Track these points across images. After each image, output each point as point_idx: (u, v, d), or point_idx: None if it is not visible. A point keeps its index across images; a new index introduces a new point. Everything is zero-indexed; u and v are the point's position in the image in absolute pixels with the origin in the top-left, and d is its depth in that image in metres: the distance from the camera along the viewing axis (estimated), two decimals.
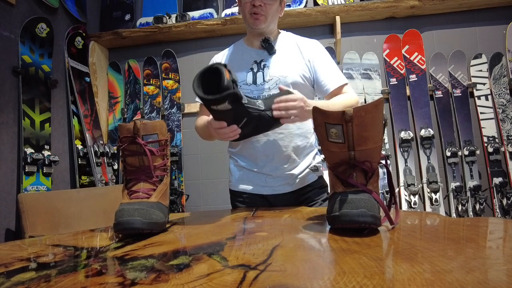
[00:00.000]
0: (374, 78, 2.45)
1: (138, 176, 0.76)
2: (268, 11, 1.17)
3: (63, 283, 0.42)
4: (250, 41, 1.27)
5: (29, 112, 1.96)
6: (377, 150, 0.66)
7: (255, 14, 1.16)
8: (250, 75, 1.20)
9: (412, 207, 2.25)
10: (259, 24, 1.18)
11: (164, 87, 2.65)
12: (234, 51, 1.30)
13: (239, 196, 1.25)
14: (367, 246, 0.52)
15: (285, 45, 1.24)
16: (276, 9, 1.20)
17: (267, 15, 1.17)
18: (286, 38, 1.27)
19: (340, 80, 1.19)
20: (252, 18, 1.17)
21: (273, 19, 1.20)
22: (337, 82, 1.18)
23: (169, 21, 2.56)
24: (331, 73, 1.20)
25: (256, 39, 1.24)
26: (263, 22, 1.18)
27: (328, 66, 1.21)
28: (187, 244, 0.64)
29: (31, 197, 1.54)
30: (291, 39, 1.26)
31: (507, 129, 2.27)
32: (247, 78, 1.20)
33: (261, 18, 1.17)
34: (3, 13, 1.87)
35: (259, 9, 1.15)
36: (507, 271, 0.38)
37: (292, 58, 1.21)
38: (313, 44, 1.25)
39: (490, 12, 2.38)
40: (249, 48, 1.26)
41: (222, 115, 0.92)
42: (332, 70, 1.21)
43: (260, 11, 1.16)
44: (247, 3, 1.17)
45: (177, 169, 2.54)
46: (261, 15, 1.16)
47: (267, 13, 1.17)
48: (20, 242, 0.78)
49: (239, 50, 1.29)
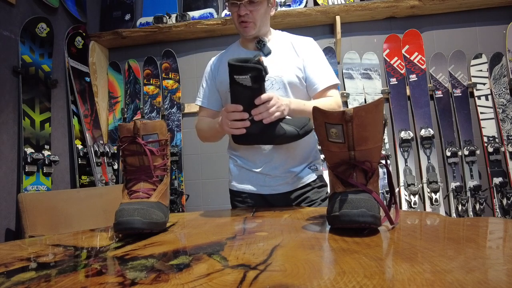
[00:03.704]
0: (374, 78, 2.45)
1: (138, 176, 0.76)
2: (256, 17, 1.17)
3: (63, 283, 0.42)
4: (245, 44, 1.27)
5: (29, 112, 1.96)
6: (377, 150, 0.66)
7: (243, 22, 1.17)
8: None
9: (412, 207, 2.25)
10: (249, 31, 1.18)
11: (164, 87, 2.65)
12: (229, 54, 1.29)
13: (238, 196, 1.25)
14: (367, 246, 0.52)
15: (279, 45, 1.24)
16: (264, 12, 1.19)
17: (255, 21, 1.17)
18: (281, 38, 1.27)
19: (330, 80, 1.18)
20: (242, 27, 1.18)
21: (263, 22, 1.20)
22: (327, 81, 1.18)
23: (169, 21, 2.55)
24: (322, 72, 1.19)
25: (250, 41, 1.24)
26: (253, 29, 1.18)
27: (320, 65, 1.21)
28: (187, 244, 0.64)
29: (31, 197, 1.54)
30: (285, 39, 1.26)
31: (507, 129, 2.27)
32: None
33: (250, 25, 1.17)
34: (3, 13, 1.87)
35: (246, 17, 1.15)
36: (507, 271, 0.38)
37: (287, 57, 1.21)
38: (307, 42, 1.25)
39: (490, 12, 2.38)
40: (245, 50, 1.26)
41: (239, 94, 0.96)
42: (324, 69, 1.20)
43: (247, 19, 1.16)
44: (234, 13, 1.17)
45: (177, 169, 2.54)
46: (249, 22, 1.16)
47: (255, 19, 1.17)
48: (20, 242, 0.78)
49: (235, 52, 1.28)
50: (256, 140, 1.07)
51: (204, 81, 1.31)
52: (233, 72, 0.92)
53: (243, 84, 0.92)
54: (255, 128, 0.99)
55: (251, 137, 1.03)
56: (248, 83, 0.91)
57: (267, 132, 1.00)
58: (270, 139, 1.04)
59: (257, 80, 0.92)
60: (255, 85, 0.93)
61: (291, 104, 1.04)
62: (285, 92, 1.17)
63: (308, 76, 1.20)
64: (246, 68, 0.90)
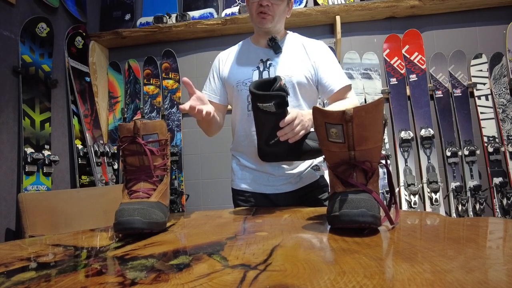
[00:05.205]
0: (374, 78, 2.45)
1: (138, 175, 0.76)
2: (276, 11, 1.18)
3: (63, 283, 0.42)
4: (256, 40, 1.27)
5: (29, 112, 1.96)
6: (377, 150, 0.66)
7: (262, 13, 1.17)
8: (256, 74, 1.20)
9: (412, 207, 2.25)
10: (266, 23, 1.18)
11: (164, 87, 2.65)
12: (241, 49, 1.30)
13: (241, 195, 1.26)
14: (367, 246, 0.52)
15: (291, 45, 1.25)
16: (283, 9, 1.20)
17: (274, 15, 1.18)
18: (293, 38, 1.28)
19: (344, 81, 1.19)
20: (259, 17, 1.18)
21: (280, 19, 1.21)
22: (341, 83, 1.19)
23: (169, 21, 2.55)
24: (336, 74, 1.20)
25: (263, 37, 1.24)
26: (270, 22, 1.18)
27: (333, 68, 1.22)
28: (187, 243, 0.64)
29: (31, 196, 1.54)
30: (297, 40, 1.27)
31: (507, 129, 2.27)
32: (253, 76, 1.20)
33: (268, 18, 1.18)
34: (3, 13, 1.87)
35: (266, 9, 1.16)
36: (507, 271, 0.38)
37: (298, 58, 1.21)
38: (318, 45, 1.26)
39: (490, 12, 2.38)
40: (256, 47, 1.26)
41: (264, 120, 0.96)
42: (337, 71, 1.21)
43: (267, 10, 1.16)
44: (254, 3, 1.17)
45: (177, 169, 2.54)
46: (268, 14, 1.17)
47: (274, 13, 1.18)
48: (20, 241, 0.78)
49: (245, 48, 1.29)
50: (284, 158, 1.09)
51: (212, 75, 1.32)
52: (256, 100, 0.91)
53: (267, 110, 0.92)
54: (281, 148, 1.01)
55: (278, 156, 1.06)
56: (272, 109, 0.91)
57: (294, 150, 1.02)
58: (297, 156, 1.05)
59: (281, 105, 0.92)
60: (279, 110, 0.93)
61: None
62: (293, 92, 1.17)
63: (322, 79, 1.20)
64: (269, 96, 0.89)
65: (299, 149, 1.01)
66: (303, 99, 1.20)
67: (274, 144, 1.00)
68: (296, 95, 1.18)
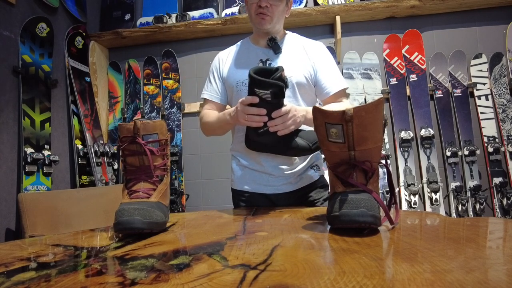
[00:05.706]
0: (374, 78, 2.45)
1: (138, 175, 0.76)
2: (275, 12, 1.18)
3: (63, 283, 0.42)
4: (256, 40, 1.27)
5: (29, 112, 1.96)
6: (377, 150, 0.66)
7: (261, 14, 1.17)
8: None
9: (412, 207, 2.25)
10: (265, 24, 1.18)
11: (164, 87, 2.65)
12: (240, 49, 1.30)
13: (241, 195, 1.25)
14: (367, 246, 0.52)
15: (291, 45, 1.25)
16: (282, 9, 1.20)
17: (273, 16, 1.18)
18: (292, 39, 1.28)
19: (341, 84, 1.20)
20: (258, 18, 1.18)
21: (279, 19, 1.21)
22: (338, 85, 1.19)
23: (169, 21, 2.55)
24: (333, 76, 1.21)
25: (262, 38, 1.25)
26: (269, 23, 1.18)
27: (331, 69, 1.22)
28: (187, 244, 0.64)
29: (31, 196, 1.54)
30: (297, 40, 1.27)
31: (507, 129, 2.27)
32: None
33: (266, 19, 1.18)
34: (3, 13, 1.87)
35: (265, 10, 1.16)
36: (507, 271, 0.38)
37: (298, 58, 1.21)
38: (318, 47, 1.26)
39: (490, 12, 2.38)
40: (255, 47, 1.26)
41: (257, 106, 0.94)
42: (334, 73, 1.22)
43: (266, 11, 1.16)
44: (253, 4, 1.17)
45: (177, 169, 2.54)
46: (267, 15, 1.17)
47: (273, 14, 1.18)
48: (20, 241, 0.78)
49: (245, 48, 1.29)
50: (269, 150, 1.08)
51: (211, 75, 1.32)
52: (253, 84, 0.90)
53: (263, 97, 0.91)
54: (269, 139, 1.00)
55: (264, 146, 1.05)
56: (268, 97, 0.90)
57: (281, 143, 1.01)
58: (283, 150, 1.05)
59: (277, 96, 0.91)
60: (275, 100, 0.92)
61: (308, 114, 1.04)
62: (293, 92, 1.17)
63: (319, 80, 1.21)
64: (267, 84, 0.88)
65: (287, 144, 1.01)
66: (302, 99, 1.20)
67: (263, 133, 0.99)
68: (295, 95, 1.18)
